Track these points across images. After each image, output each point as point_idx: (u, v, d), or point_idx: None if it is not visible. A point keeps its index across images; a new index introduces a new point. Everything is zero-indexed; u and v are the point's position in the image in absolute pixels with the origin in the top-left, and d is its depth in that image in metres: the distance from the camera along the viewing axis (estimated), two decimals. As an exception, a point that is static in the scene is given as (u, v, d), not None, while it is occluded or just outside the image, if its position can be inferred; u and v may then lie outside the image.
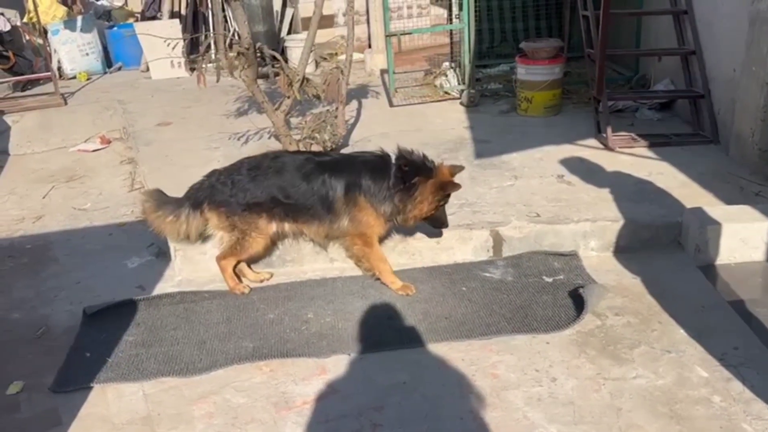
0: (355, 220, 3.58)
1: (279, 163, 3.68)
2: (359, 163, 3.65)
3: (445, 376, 3.00)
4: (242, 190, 3.60)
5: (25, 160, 6.52)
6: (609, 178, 4.51)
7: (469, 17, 6.40)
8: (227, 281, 3.74)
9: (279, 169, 3.64)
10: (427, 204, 3.54)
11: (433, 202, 3.55)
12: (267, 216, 3.63)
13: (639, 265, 3.76)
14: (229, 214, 3.62)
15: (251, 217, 3.61)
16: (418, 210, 3.56)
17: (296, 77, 4.83)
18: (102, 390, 3.01)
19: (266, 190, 3.60)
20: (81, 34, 9.06)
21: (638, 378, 2.90)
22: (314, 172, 3.59)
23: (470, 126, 5.93)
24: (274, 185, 3.60)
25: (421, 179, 3.53)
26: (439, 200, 3.57)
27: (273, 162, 3.69)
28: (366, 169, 3.58)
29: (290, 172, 3.62)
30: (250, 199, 3.59)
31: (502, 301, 3.54)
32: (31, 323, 3.59)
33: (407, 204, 3.54)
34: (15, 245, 4.57)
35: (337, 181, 3.56)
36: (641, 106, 5.85)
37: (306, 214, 3.61)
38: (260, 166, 3.68)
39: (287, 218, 3.65)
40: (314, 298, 3.68)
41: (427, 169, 3.57)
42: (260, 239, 3.67)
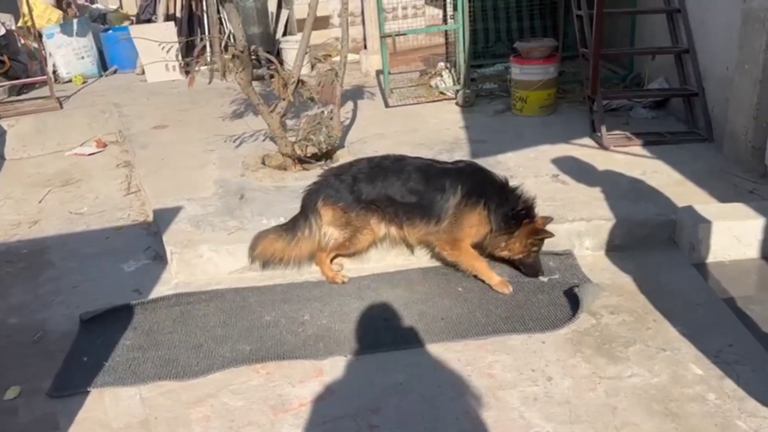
0: (457, 224, 3.63)
1: (401, 164, 3.80)
2: (486, 177, 3.76)
3: (441, 377, 3.01)
4: (362, 188, 3.73)
5: (21, 165, 6.52)
6: (604, 177, 4.52)
7: (464, 17, 6.42)
8: (326, 273, 3.85)
9: (400, 169, 3.75)
10: (519, 245, 3.64)
11: (526, 245, 3.63)
12: (380, 214, 3.74)
13: (634, 264, 3.77)
14: (346, 210, 3.73)
15: (367, 214, 3.72)
16: (509, 248, 3.67)
17: (291, 79, 4.84)
18: (99, 394, 3.02)
19: (385, 189, 3.71)
20: (76, 38, 9.04)
21: (633, 376, 2.91)
22: (436, 175, 3.70)
23: (466, 126, 5.94)
24: (394, 185, 3.71)
25: (526, 222, 3.62)
26: (530, 245, 3.64)
27: (394, 163, 3.83)
28: (491, 185, 3.70)
29: (413, 173, 3.72)
30: (368, 196, 3.71)
31: (498, 300, 3.55)
32: (29, 328, 3.59)
33: (504, 237, 3.63)
34: (11, 250, 4.57)
35: (459, 187, 3.63)
36: (636, 104, 5.87)
37: (416, 215, 3.68)
38: (381, 166, 3.82)
39: (396, 218, 3.74)
40: (311, 300, 3.69)
41: (531, 215, 3.66)
42: (370, 236, 3.79)
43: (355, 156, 5.24)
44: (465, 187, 3.63)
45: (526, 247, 3.63)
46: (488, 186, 3.69)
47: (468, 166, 3.89)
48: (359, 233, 3.77)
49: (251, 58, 4.69)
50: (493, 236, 3.64)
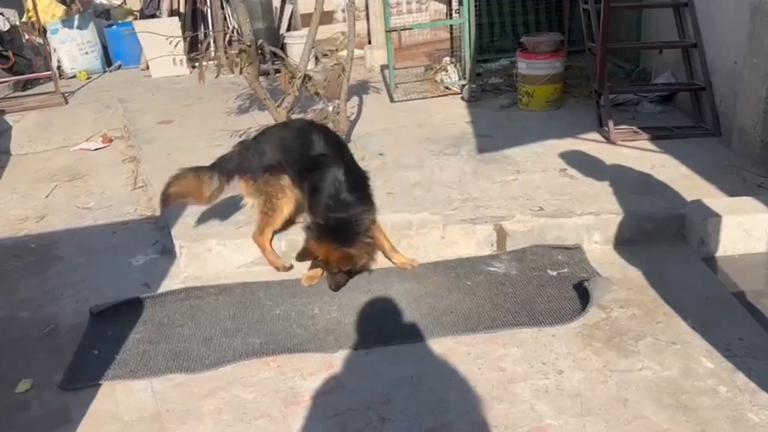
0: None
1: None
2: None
3: (451, 370, 3.01)
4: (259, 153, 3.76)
5: (27, 160, 6.52)
6: (611, 172, 4.52)
7: (470, 12, 6.40)
8: (268, 258, 3.82)
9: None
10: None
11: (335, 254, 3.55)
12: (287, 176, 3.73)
13: (643, 258, 3.77)
14: (254, 178, 3.74)
15: (274, 177, 3.71)
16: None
17: (298, 74, 4.84)
18: (111, 387, 3.03)
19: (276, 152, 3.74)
20: (80, 33, 9.05)
21: (644, 369, 2.91)
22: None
23: (472, 121, 5.94)
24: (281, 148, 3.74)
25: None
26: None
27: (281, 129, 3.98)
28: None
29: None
30: (266, 162, 3.72)
31: (507, 294, 3.56)
32: (38, 321, 3.60)
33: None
34: (19, 245, 4.58)
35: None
36: (642, 99, 5.85)
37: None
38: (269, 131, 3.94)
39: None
40: (319, 293, 3.69)
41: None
42: (286, 200, 3.77)
43: (362, 150, 5.26)
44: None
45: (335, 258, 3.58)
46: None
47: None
48: (273, 198, 3.74)
49: (258, 52, 4.68)
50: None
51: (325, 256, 3.47)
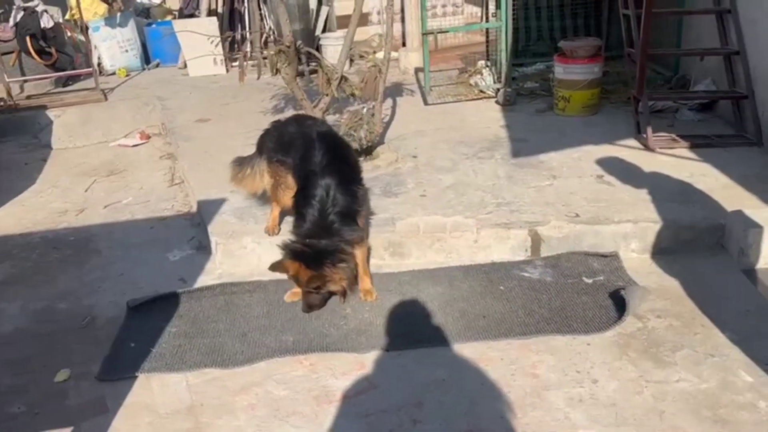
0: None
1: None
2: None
3: (484, 375, 3.00)
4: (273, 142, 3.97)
5: (67, 154, 6.67)
6: (650, 179, 4.45)
7: (507, 16, 6.37)
8: (267, 221, 4.09)
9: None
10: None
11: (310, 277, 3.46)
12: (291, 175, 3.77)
13: (681, 268, 3.71)
14: (270, 160, 3.93)
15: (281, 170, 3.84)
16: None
17: (335, 75, 4.86)
18: (147, 379, 3.08)
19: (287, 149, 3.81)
20: (120, 31, 9.23)
21: (681, 381, 2.86)
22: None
23: (506, 125, 5.91)
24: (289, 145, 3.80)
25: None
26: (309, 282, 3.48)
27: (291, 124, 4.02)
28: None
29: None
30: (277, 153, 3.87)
31: (541, 301, 3.53)
32: (77, 313, 3.68)
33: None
34: (59, 237, 4.67)
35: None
36: (681, 106, 5.76)
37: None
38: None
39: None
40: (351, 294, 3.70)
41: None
42: (287, 194, 3.81)
43: (396, 152, 5.27)
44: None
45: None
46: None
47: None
48: (278, 187, 3.87)
49: (297, 53, 4.72)
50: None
51: (296, 273, 3.41)
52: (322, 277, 3.38)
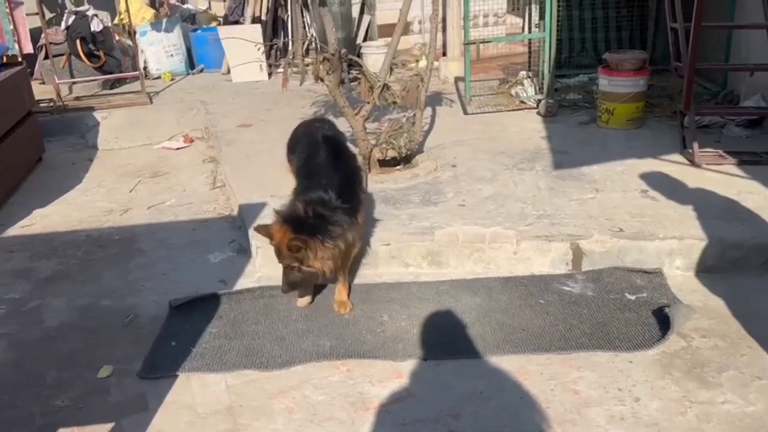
0: None
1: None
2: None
3: (523, 389, 2.96)
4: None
5: (113, 155, 6.82)
6: (696, 195, 4.36)
7: (551, 27, 6.32)
8: None
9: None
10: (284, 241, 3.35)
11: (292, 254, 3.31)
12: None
13: (727, 287, 3.62)
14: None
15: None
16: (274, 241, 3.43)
17: (377, 83, 4.89)
18: (187, 379, 3.12)
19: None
20: (167, 36, 9.43)
21: (727, 403, 2.79)
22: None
23: (548, 136, 5.85)
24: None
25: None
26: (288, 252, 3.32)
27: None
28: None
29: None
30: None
31: (582, 316, 3.48)
32: (120, 311, 3.75)
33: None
34: (104, 236, 4.78)
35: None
36: (729, 122, 5.64)
37: None
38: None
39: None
40: (389, 301, 3.71)
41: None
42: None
43: (435, 161, 5.27)
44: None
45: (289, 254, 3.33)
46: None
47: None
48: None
49: (341, 61, 4.75)
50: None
51: (279, 240, 3.27)
52: (306, 243, 3.19)
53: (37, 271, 4.26)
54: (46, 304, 3.85)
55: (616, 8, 7.61)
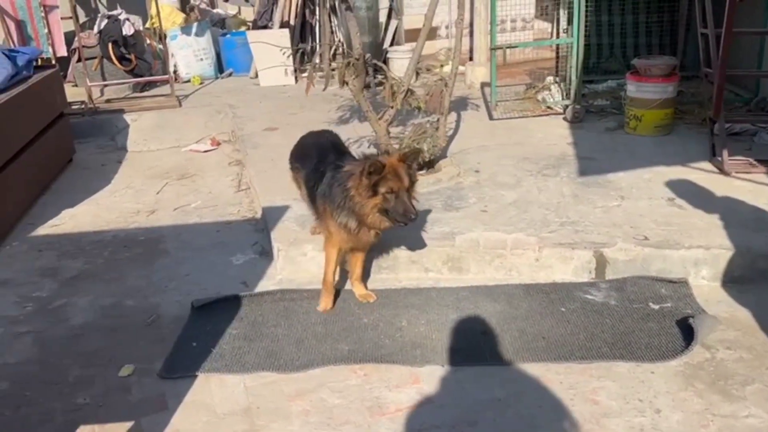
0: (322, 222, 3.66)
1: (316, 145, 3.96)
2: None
3: (541, 397, 2.93)
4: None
5: (142, 157, 6.93)
6: (724, 204, 4.28)
7: (579, 32, 6.27)
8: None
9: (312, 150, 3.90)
10: (361, 197, 3.22)
11: (366, 192, 3.20)
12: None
13: (754, 298, 3.54)
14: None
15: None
16: (354, 206, 3.26)
17: (401, 88, 4.89)
18: (206, 379, 3.15)
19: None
20: (197, 40, 9.55)
21: (750, 417, 2.72)
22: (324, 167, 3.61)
23: (574, 142, 5.80)
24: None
25: (350, 173, 3.29)
26: (373, 187, 3.19)
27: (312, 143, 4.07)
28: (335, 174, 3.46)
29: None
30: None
31: (604, 325, 3.43)
32: (143, 311, 3.80)
33: (347, 200, 3.29)
34: (130, 236, 4.85)
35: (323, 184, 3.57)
36: (761, 129, 5.52)
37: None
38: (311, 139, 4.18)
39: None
40: (408, 306, 3.70)
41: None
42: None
43: (458, 166, 5.25)
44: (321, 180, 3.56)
45: (368, 191, 3.19)
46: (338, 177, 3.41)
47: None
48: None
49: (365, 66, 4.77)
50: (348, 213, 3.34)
51: (394, 160, 3.23)
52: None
53: (64, 270, 4.34)
54: (72, 303, 3.92)
55: (646, 13, 7.52)
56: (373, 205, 3.24)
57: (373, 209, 3.25)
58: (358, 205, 3.26)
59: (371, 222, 3.32)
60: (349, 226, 3.39)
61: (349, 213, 3.33)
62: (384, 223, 3.33)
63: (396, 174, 3.21)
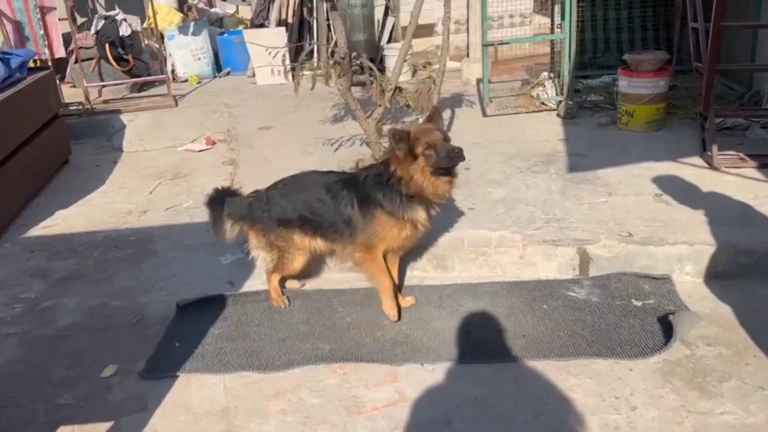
0: (370, 232, 3.39)
1: (310, 179, 3.66)
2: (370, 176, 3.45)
3: (518, 395, 2.94)
4: (275, 206, 3.59)
5: (137, 157, 6.96)
6: (711, 200, 4.26)
7: (571, 27, 6.24)
8: (270, 293, 3.78)
9: (308, 185, 3.61)
10: (407, 170, 3.20)
11: (407, 162, 3.18)
12: (300, 231, 3.56)
13: (737, 294, 3.53)
14: (265, 232, 3.62)
15: (287, 232, 3.57)
16: (407, 185, 3.22)
17: (389, 86, 4.89)
18: (187, 379, 3.18)
19: (296, 205, 3.55)
20: (194, 40, 9.57)
21: (726, 414, 2.72)
22: (337, 187, 3.48)
23: (565, 138, 5.78)
24: (302, 201, 3.55)
25: (386, 158, 3.31)
26: (411, 153, 3.17)
27: (305, 178, 3.70)
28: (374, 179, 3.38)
29: (316, 187, 3.54)
30: (283, 214, 3.56)
31: (585, 322, 3.43)
32: (129, 311, 3.83)
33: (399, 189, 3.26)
34: (121, 237, 4.88)
35: (352, 196, 3.42)
36: (753, 124, 5.48)
37: (329, 229, 3.50)
38: (291, 183, 3.69)
39: (317, 233, 3.55)
40: (392, 305, 3.71)
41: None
42: (300, 255, 3.62)
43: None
44: (357, 195, 3.39)
45: (408, 160, 3.17)
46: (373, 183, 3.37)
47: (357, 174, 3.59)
48: (287, 253, 3.61)
49: (351, 64, 4.77)
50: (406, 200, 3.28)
51: (418, 131, 3.22)
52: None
53: (54, 271, 4.38)
54: (60, 304, 3.96)
55: (641, 8, 7.47)
56: (421, 169, 3.17)
57: (424, 173, 3.18)
58: (410, 179, 3.19)
59: (431, 189, 3.22)
60: (417, 217, 3.30)
61: (410, 203, 3.27)
62: (443, 185, 3.24)
63: (425, 130, 3.21)
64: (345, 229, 3.44)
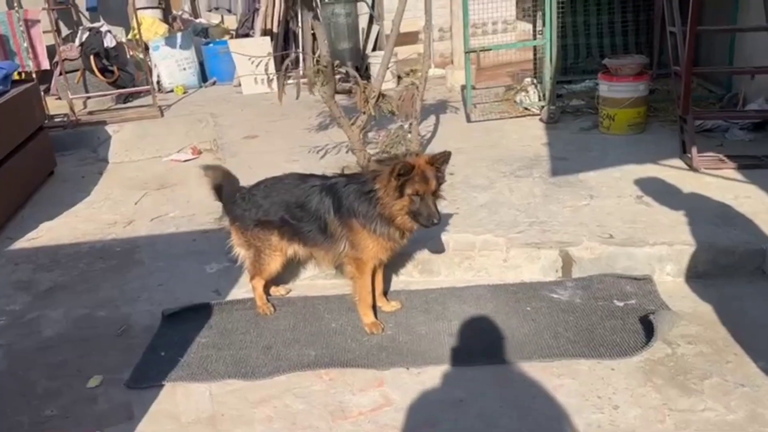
0: (357, 246, 3.40)
1: (290, 182, 3.68)
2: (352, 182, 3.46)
3: (502, 397, 2.96)
4: (256, 206, 3.62)
5: (123, 168, 6.95)
6: (690, 201, 4.32)
7: (552, 33, 6.32)
8: (255, 300, 3.81)
9: (288, 187, 3.62)
10: (389, 198, 3.19)
11: (393, 193, 3.17)
12: (279, 233, 3.59)
13: (717, 293, 3.58)
14: (244, 230, 3.67)
15: (265, 233, 3.60)
16: (387, 208, 3.21)
17: (372, 93, 4.93)
18: (172, 388, 3.18)
19: (276, 207, 3.57)
20: (179, 50, 9.58)
21: (707, 411, 2.76)
22: (317, 192, 3.49)
23: (548, 143, 5.84)
24: (282, 202, 3.57)
25: (376, 173, 3.26)
26: (400, 188, 3.16)
27: (282, 182, 3.71)
28: (356, 189, 3.36)
29: (297, 190, 3.56)
30: (262, 215, 3.59)
31: (568, 323, 3.46)
32: (114, 321, 3.82)
33: (375, 206, 3.25)
34: (106, 248, 4.87)
35: (331, 202, 3.42)
36: (732, 126, 5.57)
37: (309, 235, 3.52)
38: (273, 185, 3.70)
39: (296, 237, 3.57)
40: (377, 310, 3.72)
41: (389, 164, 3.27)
42: (278, 256, 3.65)
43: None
44: (337, 202, 3.39)
45: (393, 195, 3.16)
46: (352, 191, 3.36)
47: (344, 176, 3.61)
48: (263, 254, 3.65)
49: (334, 72, 4.81)
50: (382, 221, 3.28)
51: (423, 162, 3.18)
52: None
53: (39, 283, 4.36)
54: (45, 315, 3.94)
55: (622, 13, 7.58)
56: (400, 207, 3.21)
57: (401, 211, 3.22)
58: (387, 207, 3.22)
59: (400, 223, 3.27)
60: (390, 234, 3.33)
61: (383, 220, 3.28)
62: (412, 225, 3.29)
63: (423, 176, 3.18)
64: (321, 235, 3.47)
